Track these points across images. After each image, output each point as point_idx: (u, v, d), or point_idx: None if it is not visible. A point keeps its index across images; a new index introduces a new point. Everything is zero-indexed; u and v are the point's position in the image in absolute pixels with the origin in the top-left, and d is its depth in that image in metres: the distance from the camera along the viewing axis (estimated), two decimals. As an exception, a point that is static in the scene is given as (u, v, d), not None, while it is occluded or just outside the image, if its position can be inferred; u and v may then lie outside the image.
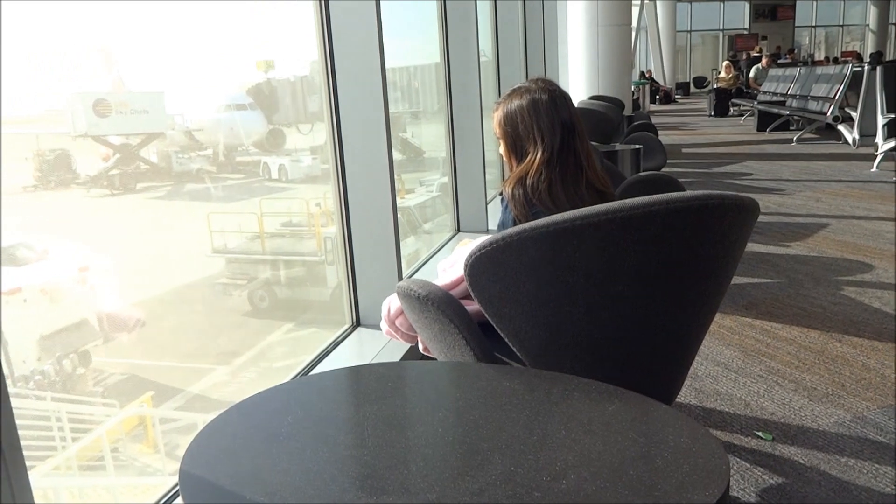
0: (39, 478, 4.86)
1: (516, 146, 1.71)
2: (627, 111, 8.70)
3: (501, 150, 1.76)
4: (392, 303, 1.72)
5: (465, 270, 1.29)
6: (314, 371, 2.46)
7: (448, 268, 1.71)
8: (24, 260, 11.13)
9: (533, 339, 1.31)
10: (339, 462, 0.84)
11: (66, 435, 6.49)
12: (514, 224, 1.58)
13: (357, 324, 2.81)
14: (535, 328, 1.29)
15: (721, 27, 30.54)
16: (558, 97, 1.70)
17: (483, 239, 1.27)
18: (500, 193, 1.73)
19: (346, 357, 2.57)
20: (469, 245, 1.73)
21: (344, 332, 2.76)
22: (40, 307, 9.12)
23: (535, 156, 1.65)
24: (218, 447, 0.89)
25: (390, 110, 2.66)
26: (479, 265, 1.27)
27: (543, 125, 1.66)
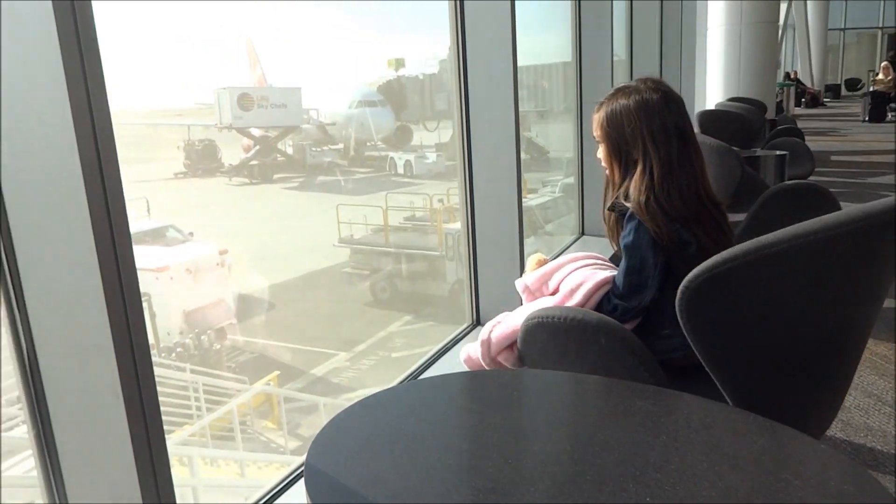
0: (176, 445, 5.27)
1: (620, 151, 1.53)
2: (770, 114, 8.14)
3: (600, 154, 1.59)
4: (493, 337, 1.53)
5: (681, 297, 1.11)
6: (432, 367, 2.47)
7: (568, 287, 1.52)
8: (172, 241, 12.09)
9: (749, 369, 1.18)
10: (462, 471, 0.82)
11: (202, 405, 7.00)
12: (654, 244, 1.42)
13: (477, 322, 2.79)
14: (754, 355, 1.17)
15: (880, 25, 27.88)
16: (671, 99, 1.52)
17: (706, 263, 1.10)
18: (615, 209, 1.53)
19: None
20: (564, 264, 1.61)
21: (463, 331, 2.75)
22: (184, 285, 9.90)
23: (649, 164, 1.47)
24: (342, 444, 0.89)
25: (517, 109, 2.63)
26: (705, 290, 1.10)
27: (655, 128, 1.48)
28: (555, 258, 1.72)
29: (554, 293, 1.58)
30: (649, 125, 1.47)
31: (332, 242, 12.91)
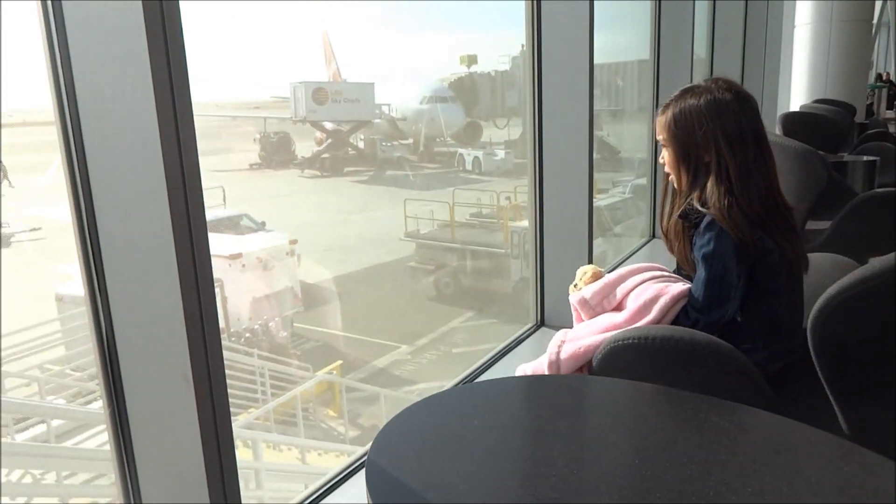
0: (241, 428, 5.43)
1: (689, 156, 1.42)
2: (859, 117, 7.71)
3: (665, 158, 1.48)
4: (563, 357, 1.42)
5: (817, 318, 1.04)
6: (494, 367, 2.45)
7: (641, 302, 1.41)
8: (246, 229, 12.44)
9: (873, 398, 1.10)
10: (525, 480, 0.80)
11: (267, 390, 7.19)
12: (737, 253, 1.33)
13: (541, 323, 2.75)
14: (881, 383, 1.09)
15: None
16: (744, 99, 1.42)
17: (842, 283, 1.04)
18: (687, 217, 1.43)
19: (529, 357, 2.52)
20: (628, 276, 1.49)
21: (527, 331, 2.72)
22: (255, 273, 10.19)
23: (724, 169, 1.38)
24: (404, 442, 0.88)
25: (590, 108, 2.57)
26: (847, 307, 1.03)
27: (730, 130, 1.38)
28: (613, 269, 1.63)
29: (617, 308, 1.48)
30: (724, 126, 1.39)
31: (399, 236, 13.04)
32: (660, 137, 1.48)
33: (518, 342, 2.64)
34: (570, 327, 2.35)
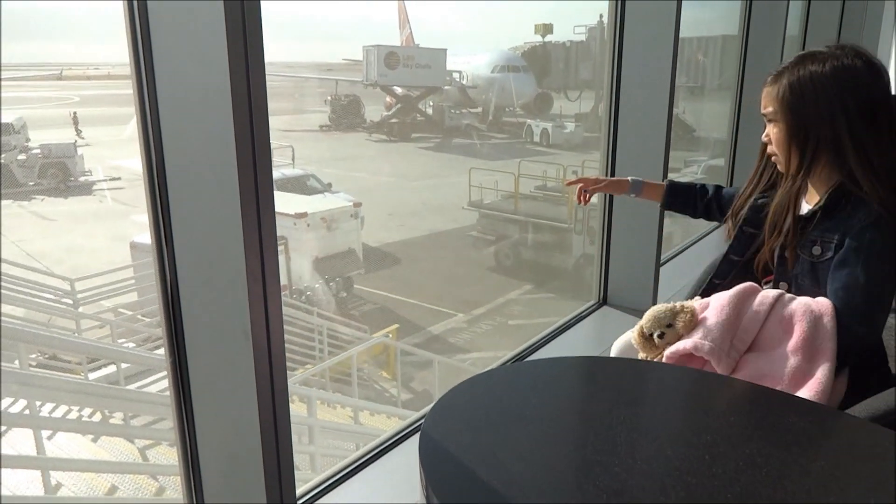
0: (297, 384, 5.57)
1: (805, 132, 1.20)
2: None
3: (771, 135, 1.27)
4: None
5: None
6: (552, 343, 2.40)
7: (802, 335, 1.11)
8: (312, 189, 12.65)
9: None
10: (586, 466, 0.76)
11: (325, 348, 7.35)
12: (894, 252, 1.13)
13: (603, 302, 2.68)
14: None
15: None
16: (877, 70, 1.20)
17: None
18: (837, 205, 1.20)
19: (589, 335, 2.47)
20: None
21: (588, 308, 2.65)
22: (319, 233, 10.38)
23: (860, 149, 1.16)
24: (461, 416, 0.85)
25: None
26: None
27: (863, 103, 1.16)
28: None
29: (751, 349, 1.15)
30: (856, 99, 1.17)
31: (462, 205, 13.00)
32: (767, 111, 1.27)
33: (578, 319, 2.58)
34: (635, 309, 2.28)
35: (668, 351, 1.12)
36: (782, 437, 0.83)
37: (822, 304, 1.14)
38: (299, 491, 1.41)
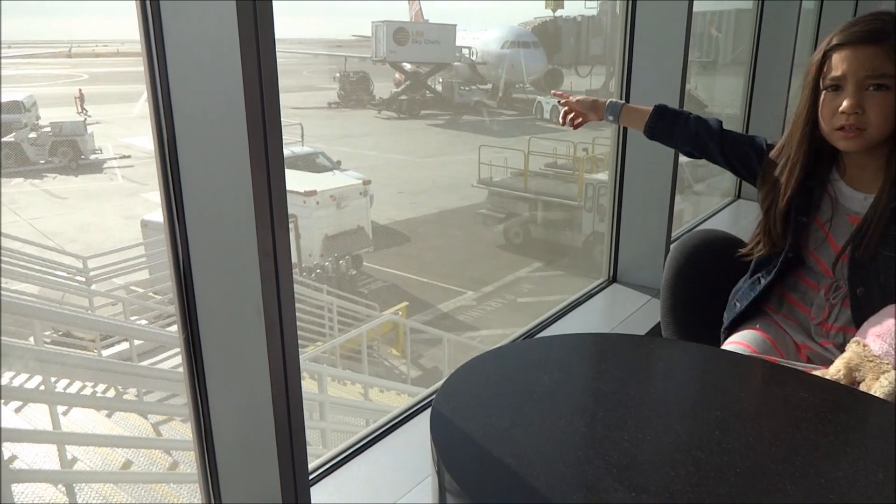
0: (308, 361, 5.62)
1: None
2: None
3: (874, 103, 1.09)
4: None
5: None
6: (562, 320, 2.41)
7: None
8: (321, 167, 12.64)
9: None
10: (596, 441, 0.76)
11: (335, 325, 7.40)
12: None
13: (613, 279, 2.68)
14: None
15: None
16: None
17: None
18: None
19: (599, 312, 2.47)
20: None
21: (598, 286, 2.65)
22: (328, 210, 10.39)
23: None
24: (471, 392, 0.86)
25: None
26: None
27: None
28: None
29: None
30: None
31: (471, 182, 12.97)
32: (874, 78, 1.09)
33: (588, 297, 2.58)
34: (645, 287, 2.22)
35: None
36: (793, 414, 0.84)
37: None
38: (311, 466, 1.43)
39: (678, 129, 1.42)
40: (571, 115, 1.52)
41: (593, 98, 1.54)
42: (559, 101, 1.54)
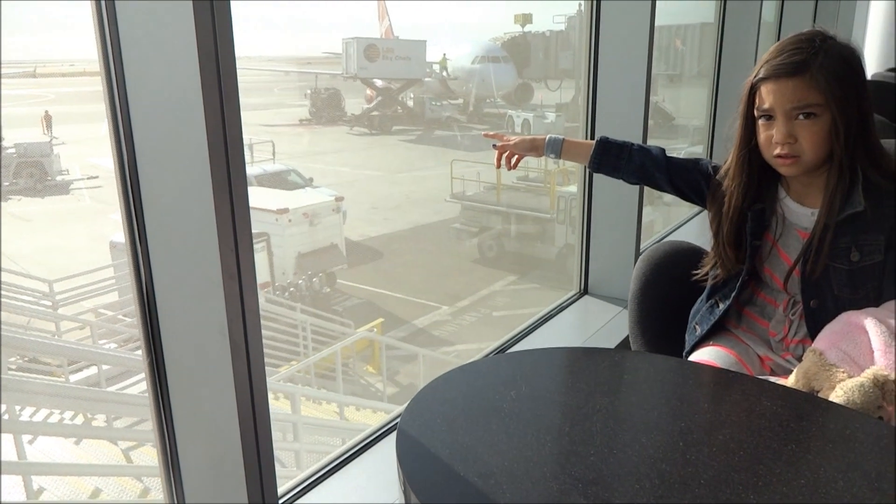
0: (279, 381, 5.55)
1: (859, 120, 1.09)
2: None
3: (803, 132, 1.10)
4: None
5: None
6: (534, 333, 2.41)
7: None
8: (293, 184, 12.57)
9: None
10: (562, 456, 0.76)
11: (309, 344, 7.33)
12: None
13: (585, 291, 2.69)
14: None
15: None
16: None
17: None
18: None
19: (570, 325, 2.48)
20: None
21: (570, 298, 2.66)
22: (301, 228, 10.32)
23: (874, 132, 1.11)
24: (437, 411, 0.86)
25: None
26: None
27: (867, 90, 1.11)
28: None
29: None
30: (865, 84, 1.10)
31: (444, 197, 13.00)
32: (804, 103, 1.09)
33: (560, 309, 2.59)
34: (616, 298, 2.22)
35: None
36: (755, 422, 0.85)
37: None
38: (282, 489, 1.41)
39: (623, 162, 1.38)
40: (506, 155, 1.46)
41: (531, 137, 1.47)
42: (494, 145, 1.48)
